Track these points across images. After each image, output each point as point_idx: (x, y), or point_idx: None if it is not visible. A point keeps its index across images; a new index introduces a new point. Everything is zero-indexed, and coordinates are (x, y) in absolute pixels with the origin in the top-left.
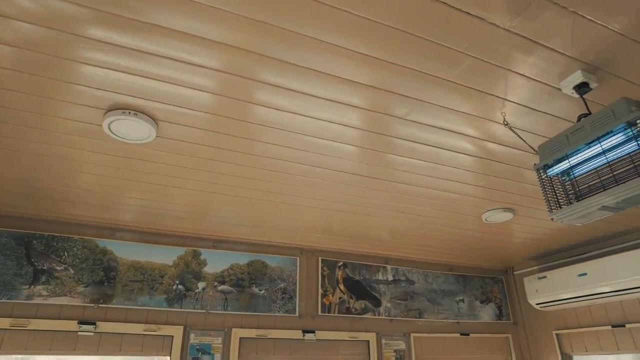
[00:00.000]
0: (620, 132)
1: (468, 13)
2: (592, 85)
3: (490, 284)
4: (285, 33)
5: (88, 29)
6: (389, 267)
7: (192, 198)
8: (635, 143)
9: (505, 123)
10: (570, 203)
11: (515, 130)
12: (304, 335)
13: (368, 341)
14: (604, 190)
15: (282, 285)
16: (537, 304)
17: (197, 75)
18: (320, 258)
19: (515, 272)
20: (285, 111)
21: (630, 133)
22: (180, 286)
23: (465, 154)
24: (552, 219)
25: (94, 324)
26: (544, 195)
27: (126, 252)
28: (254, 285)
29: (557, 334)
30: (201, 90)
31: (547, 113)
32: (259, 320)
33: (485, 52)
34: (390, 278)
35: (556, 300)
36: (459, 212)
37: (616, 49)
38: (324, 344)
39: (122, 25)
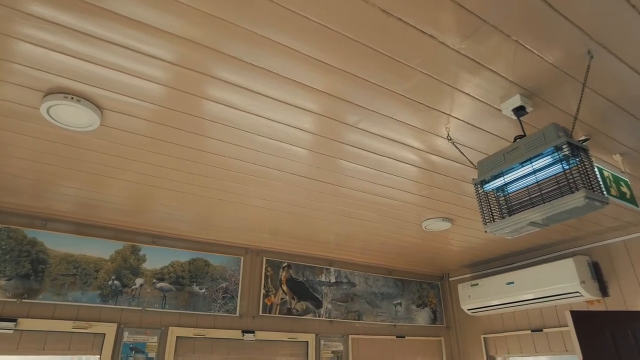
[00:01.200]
0: (549, 155)
1: (422, 31)
2: (529, 109)
3: (427, 288)
4: (243, 31)
5: (31, 4)
6: (332, 269)
7: (134, 191)
8: (560, 166)
9: (449, 138)
10: (503, 217)
11: (457, 145)
12: (243, 335)
13: (307, 342)
14: (533, 207)
15: (223, 285)
16: (468, 309)
17: (149, 65)
18: (264, 258)
19: (450, 279)
20: (238, 109)
21: (557, 156)
22: (116, 282)
23: (410, 165)
24: (486, 231)
25: (15, 320)
26: (479, 209)
27: (58, 243)
28: (195, 284)
29: (484, 338)
30: (152, 82)
31: (487, 131)
32: (197, 320)
33: (435, 69)
34: (333, 280)
35: (486, 306)
36: (401, 219)
37: (549, 78)
38: (263, 344)
39: (72, 5)
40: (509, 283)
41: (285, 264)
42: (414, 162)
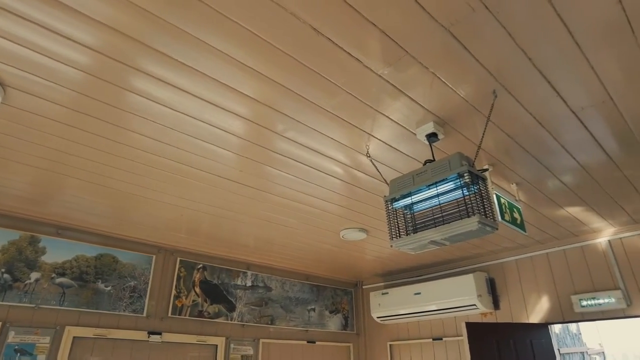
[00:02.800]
0: (452, 181)
1: (349, 53)
2: (440, 136)
3: (341, 295)
4: (173, 28)
5: None
6: (249, 272)
7: (39, 177)
8: (461, 191)
9: (368, 155)
10: (408, 234)
11: (374, 162)
12: (149, 337)
13: (216, 345)
14: (434, 227)
15: (132, 283)
16: (378, 317)
17: (67, 48)
18: (179, 258)
19: (364, 286)
20: (162, 104)
21: (459, 183)
22: (6, 275)
23: (332, 176)
24: (391, 246)
25: None
26: (387, 224)
27: None
28: (100, 281)
29: (390, 345)
30: (69, 65)
31: (403, 152)
32: (100, 319)
33: (359, 90)
34: (249, 284)
35: (395, 314)
36: (321, 227)
37: (460, 110)
38: (170, 347)
39: None
40: (416, 293)
41: (201, 265)
42: (336, 174)
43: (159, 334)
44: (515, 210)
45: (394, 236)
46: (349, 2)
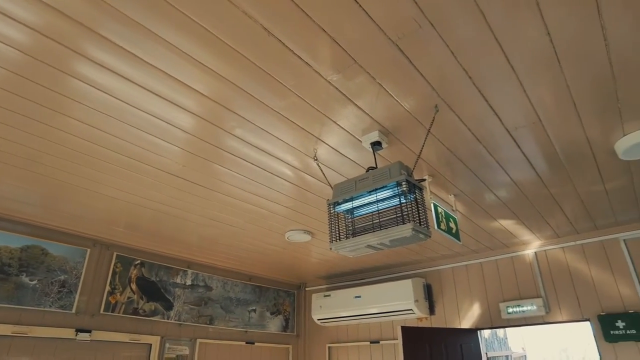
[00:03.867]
0: (391, 189)
1: (299, 57)
2: (384, 145)
3: (283, 296)
4: (119, 14)
5: None
6: (190, 271)
7: None
8: (398, 199)
9: (315, 158)
10: (347, 238)
11: (321, 166)
12: (76, 335)
13: (150, 344)
14: (372, 232)
15: (62, 278)
16: (319, 319)
17: (5, 24)
18: (115, 253)
19: (307, 288)
20: (105, 92)
21: (397, 191)
22: None
23: (280, 177)
24: (331, 249)
25: None
26: (329, 227)
27: None
28: (25, 274)
29: (329, 347)
30: (5, 43)
31: (349, 158)
32: (21, 315)
33: (308, 94)
34: (189, 282)
35: (335, 317)
36: (266, 228)
37: (404, 122)
38: (100, 346)
39: None
40: (357, 297)
41: (139, 261)
42: (284, 175)
43: (89, 331)
44: (451, 220)
45: (334, 239)
46: (300, 5)
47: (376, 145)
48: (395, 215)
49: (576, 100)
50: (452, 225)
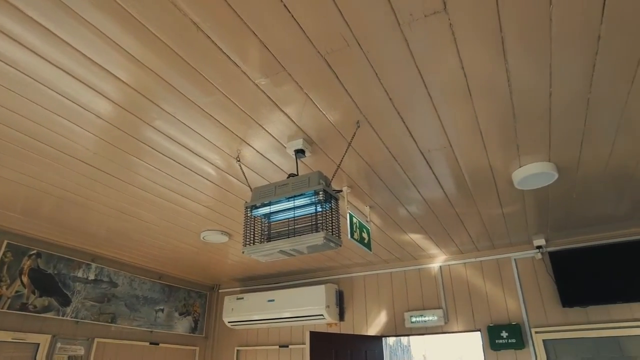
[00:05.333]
0: (308, 197)
1: (227, 56)
2: (307, 153)
3: (194, 297)
4: None
5: None
6: (94, 265)
7: None
8: (314, 208)
9: (238, 159)
10: (261, 242)
11: (243, 167)
12: None
13: (38, 344)
14: (286, 238)
15: None
16: (229, 321)
17: None
18: (6, 241)
19: (220, 290)
20: (9, 64)
21: (315, 199)
22: None
23: (199, 174)
24: (243, 252)
25: None
26: (243, 230)
27: None
28: None
29: (237, 350)
30: None
31: (272, 162)
32: None
33: (234, 94)
34: (92, 277)
35: (247, 320)
36: (181, 226)
37: (327, 133)
38: None
39: None
40: (270, 300)
41: (35, 251)
42: (204, 172)
43: None
44: (364, 230)
45: (247, 243)
46: (233, 6)
47: (299, 152)
48: (310, 223)
49: (483, 131)
50: (364, 235)
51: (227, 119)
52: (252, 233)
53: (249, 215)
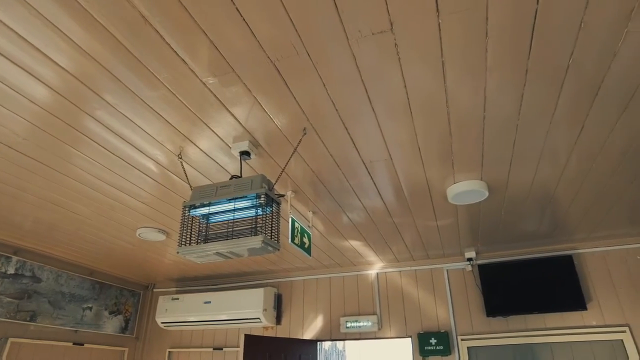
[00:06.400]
0: (250, 200)
1: (175, 52)
2: (252, 156)
3: (127, 296)
4: None
5: None
6: (15, 258)
7: None
8: (255, 211)
9: (180, 157)
10: (198, 243)
11: (185, 165)
12: None
13: None
14: (224, 240)
15: None
16: (162, 322)
17: None
18: None
19: (155, 289)
20: None
21: (256, 202)
22: None
23: (139, 170)
24: (178, 252)
25: None
26: (180, 230)
27: None
28: None
29: (169, 352)
30: None
31: (217, 162)
32: None
33: (180, 90)
34: (12, 271)
35: (181, 321)
36: (116, 221)
37: (274, 137)
38: None
39: None
40: (206, 302)
41: None
42: (144, 168)
43: None
44: (306, 235)
45: (183, 243)
46: (183, 3)
47: (245, 154)
48: (249, 226)
49: (421, 147)
50: (305, 240)
51: (172, 114)
52: (188, 233)
53: (186, 214)
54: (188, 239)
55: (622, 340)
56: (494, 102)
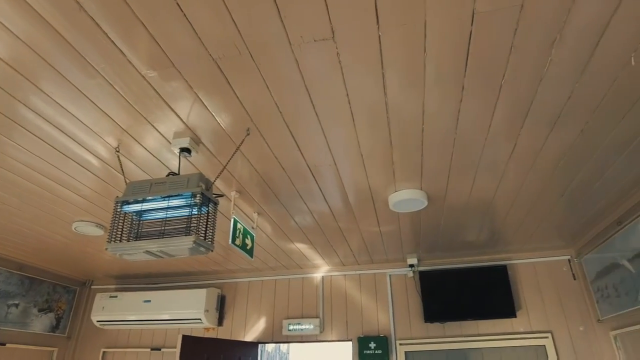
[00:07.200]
0: (185, 198)
1: (112, 42)
2: (193, 153)
3: (60, 292)
4: None
5: None
6: None
7: None
8: (189, 210)
9: (117, 150)
10: (129, 240)
11: (121, 159)
12: None
13: None
14: (156, 238)
15: None
16: (98, 321)
17: None
18: None
19: (93, 286)
20: None
21: (190, 202)
22: None
23: (75, 161)
24: (106, 249)
25: None
26: (111, 226)
27: None
28: None
29: (104, 352)
30: None
31: (156, 157)
32: None
33: (118, 81)
34: None
35: (119, 320)
36: (50, 213)
37: (217, 136)
38: None
39: None
40: (146, 301)
41: None
42: (80, 160)
43: None
44: (249, 236)
45: (112, 240)
46: None
47: (185, 151)
48: (182, 226)
49: (364, 154)
50: (248, 241)
51: (109, 105)
52: (120, 229)
53: (119, 210)
54: (120, 236)
55: (544, 345)
56: (433, 115)
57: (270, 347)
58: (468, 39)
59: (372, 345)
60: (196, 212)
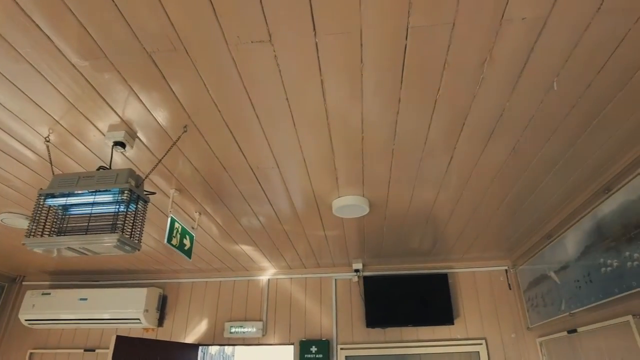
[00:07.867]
0: (112, 194)
1: (38, 26)
2: (128, 147)
3: None
4: None
5: None
6: None
7: None
8: (116, 207)
9: (47, 140)
10: (50, 235)
11: (50, 150)
12: None
13: None
14: (79, 234)
15: None
16: (27, 319)
17: None
18: None
19: (24, 282)
20: None
21: (119, 198)
22: None
23: (2, 151)
24: (23, 244)
25: None
26: (31, 219)
27: None
28: None
29: (31, 353)
30: None
31: (89, 149)
32: None
33: (46, 69)
34: None
35: (50, 319)
36: None
37: (153, 131)
38: None
39: None
40: (82, 299)
41: None
42: (7, 148)
43: None
44: (187, 236)
45: (31, 234)
46: None
47: (119, 145)
48: (108, 223)
49: (306, 158)
50: (186, 242)
51: (37, 93)
52: (41, 223)
53: (41, 203)
54: (41, 230)
55: (478, 352)
56: (371, 125)
57: (213, 349)
58: (403, 52)
59: (314, 349)
60: (123, 209)
